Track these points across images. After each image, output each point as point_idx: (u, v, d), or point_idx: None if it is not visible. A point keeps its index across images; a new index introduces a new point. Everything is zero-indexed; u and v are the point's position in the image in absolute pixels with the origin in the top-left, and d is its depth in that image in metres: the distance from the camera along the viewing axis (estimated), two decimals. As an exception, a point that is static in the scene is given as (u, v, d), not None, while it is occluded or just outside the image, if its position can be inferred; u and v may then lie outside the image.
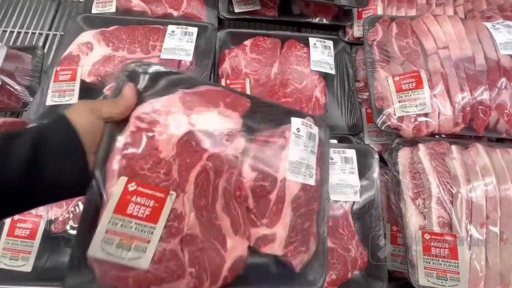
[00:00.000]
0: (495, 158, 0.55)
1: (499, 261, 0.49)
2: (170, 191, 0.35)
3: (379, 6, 0.79)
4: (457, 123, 0.59)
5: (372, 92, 0.63)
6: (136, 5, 0.76)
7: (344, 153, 0.60)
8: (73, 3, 0.86)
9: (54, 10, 0.85)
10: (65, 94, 0.60)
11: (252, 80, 0.70)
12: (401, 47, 0.64)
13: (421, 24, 0.66)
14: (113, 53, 0.64)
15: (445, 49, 0.62)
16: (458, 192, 0.52)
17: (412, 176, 0.56)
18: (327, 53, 0.76)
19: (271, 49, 0.75)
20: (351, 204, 0.57)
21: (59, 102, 0.60)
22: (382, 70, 0.64)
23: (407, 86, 0.59)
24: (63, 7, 0.86)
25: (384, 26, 0.69)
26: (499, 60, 0.61)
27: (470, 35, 0.63)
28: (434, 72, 0.60)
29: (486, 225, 0.50)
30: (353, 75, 0.75)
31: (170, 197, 0.35)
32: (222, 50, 0.74)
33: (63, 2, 0.86)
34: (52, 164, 0.29)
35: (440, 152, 0.57)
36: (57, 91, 0.60)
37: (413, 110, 0.59)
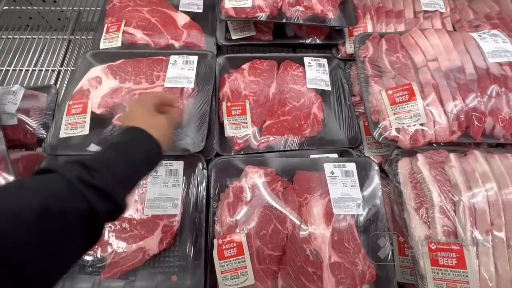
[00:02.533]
0: (494, 164, 0.56)
1: (509, 268, 0.49)
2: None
3: (369, 23, 0.82)
4: (453, 131, 0.61)
5: (367, 106, 0.66)
6: (140, 38, 0.82)
7: (344, 167, 0.62)
8: (83, 40, 0.93)
9: (65, 48, 0.91)
10: (77, 126, 0.64)
11: (251, 101, 0.74)
12: (391, 61, 0.67)
13: (409, 38, 0.69)
14: (120, 85, 0.69)
15: (434, 61, 0.64)
16: (460, 200, 0.53)
17: (413, 186, 0.57)
18: (322, 70, 0.80)
19: (268, 71, 0.78)
20: (355, 217, 0.58)
21: (71, 134, 0.64)
22: (376, 84, 0.67)
23: (401, 99, 0.62)
24: (73, 44, 0.92)
25: (374, 43, 0.72)
26: (488, 68, 0.63)
27: (458, 46, 0.66)
28: (426, 83, 0.62)
29: (492, 232, 0.50)
30: (349, 90, 0.78)
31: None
32: (222, 74, 0.78)
33: (73, 40, 0.93)
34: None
35: (439, 161, 0.58)
36: (70, 123, 0.64)
37: (408, 122, 0.60)
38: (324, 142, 0.72)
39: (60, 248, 0.29)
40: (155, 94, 0.60)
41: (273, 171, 0.62)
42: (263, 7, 0.73)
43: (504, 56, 0.63)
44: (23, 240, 0.25)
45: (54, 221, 0.28)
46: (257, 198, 0.58)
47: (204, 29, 0.87)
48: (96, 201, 0.31)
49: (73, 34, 0.95)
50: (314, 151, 0.69)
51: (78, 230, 0.30)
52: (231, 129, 0.70)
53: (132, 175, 0.38)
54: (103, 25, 0.86)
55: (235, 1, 0.73)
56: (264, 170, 0.61)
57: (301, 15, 0.76)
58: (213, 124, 0.71)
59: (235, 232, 0.55)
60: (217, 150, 0.68)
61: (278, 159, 0.66)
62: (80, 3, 0.99)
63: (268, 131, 0.71)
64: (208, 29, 0.86)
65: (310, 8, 0.76)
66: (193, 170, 0.62)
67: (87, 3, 0.99)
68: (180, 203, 0.58)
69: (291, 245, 0.55)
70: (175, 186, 0.59)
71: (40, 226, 0.27)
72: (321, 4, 0.76)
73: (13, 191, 0.29)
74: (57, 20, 0.99)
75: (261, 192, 0.59)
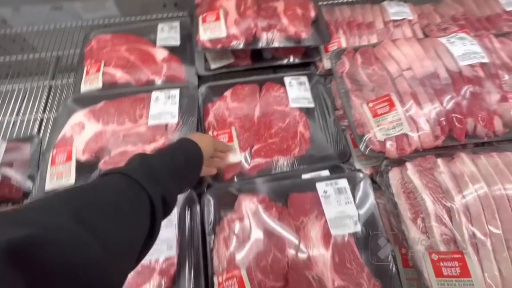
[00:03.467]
0: (481, 164, 0.56)
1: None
2: None
3: (342, 38, 0.85)
4: (437, 136, 0.62)
5: (351, 120, 0.66)
6: (120, 77, 0.83)
7: (336, 184, 0.61)
8: (64, 84, 0.93)
9: (47, 94, 0.91)
10: (63, 176, 0.63)
11: (237, 127, 0.74)
12: (368, 74, 0.69)
13: (382, 50, 0.71)
14: (104, 128, 0.69)
15: (409, 70, 0.66)
16: (453, 206, 0.53)
17: (406, 196, 0.57)
18: (303, 88, 0.81)
19: (250, 95, 0.79)
20: (354, 235, 0.57)
21: (57, 186, 0.62)
22: (356, 98, 0.68)
23: (382, 110, 0.63)
24: (54, 89, 0.92)
25: (349, 57, 0.74)
26: (460, 71, 0.65)
27: (429, 53, 0.68)
28: (404, 93, 0.63)
29: (490, 235, 0.50)
30: (332, 104, 0.79)
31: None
32: (206, 104, 0.79)
33: (54, 85, 0.93)
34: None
35: (428, 167, 0.59)
36: (55, 174, 0.63)
37: (392, 132, 0.61)
38: (314, 160, 0.72)
39: (136, 237, 0.32)
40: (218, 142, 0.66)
41: (266, 197, 0.61)
42: (237, 35, 0.75)
43: (474, 58, 0.65)
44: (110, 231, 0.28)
45: (127, 213, 0.31)
46: (253, 227, 0.57)
47: (183, 60, 0.88)
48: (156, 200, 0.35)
49: (54, 79, 0.95)
50: (306, 170, 0.69)
51: (147, 223, 0.34)
52: (220, 158, 0.70)
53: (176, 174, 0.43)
54: (82, 68, 0.86)
55: (210, 33, 0.75)
56: (257, 197, 0.60)
57: (276, 39, 0.78)
58: (201, 154, 0.71)
59: (235, 266, 0.53)
60: (208, 181, 0.67)
61: (271, 183, 0.65)
62: (58, 48, 1.00)
63: (258, 155, 0.71)
64: (188, 60, 0.87)
65: (283, 31, 0.78)
66: (185, 206, 0.61)
67: (65, 46, 1.00)
68: (176, 243, 0.56)
69: (293, 273, 0.53)
70: (168, 227, 0.57)
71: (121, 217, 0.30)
72: (294, 26, 0.78)
73: (92, 188, 0.32)
74: (37, 65, 0.99)
75: (257, 220, 0.58)
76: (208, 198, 0.62)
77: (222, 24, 0.75)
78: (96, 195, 0.31)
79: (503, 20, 0.88)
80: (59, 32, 1.04)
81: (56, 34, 1.04)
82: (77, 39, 1.01)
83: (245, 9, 0.79)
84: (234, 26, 0.76)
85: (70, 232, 0.25)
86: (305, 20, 0.81)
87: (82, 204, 0.29)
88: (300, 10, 0.82)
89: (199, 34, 0.75)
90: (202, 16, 0.77)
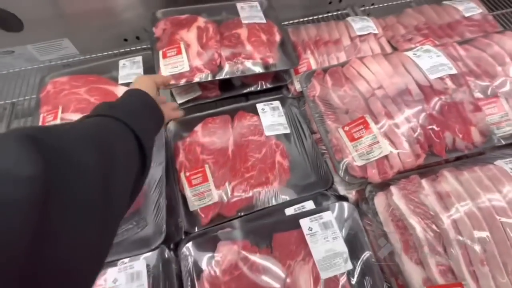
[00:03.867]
0: (465, 181, 0.54)
1: (516, 297, 0.45)
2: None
3: (311, 58, 0.83)
4: (418, 154, 0.59)
5: (328, 146, 0.63)
6: (80, 122, 0.76)
7: (321, 219, 0.57)
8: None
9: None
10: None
11: (211, 164, 0.69)
12: (340, 96, 0.66)
13: (351, 70, 0.70)
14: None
15: (380, 89, 0.64)
16: (444, 231, 0.49)
17: (395, 224, 0.54)
18: (277, 114, 0.78)
19: (222, 127, 0.75)
20: (346, 274, 0.53)
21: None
22: (331, 122, 0.65)
23: (358, 134, 0.60)
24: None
25: (319, 80, 0.72)
26: (431, 85, 0.63)
27: (398, 69, 0.67)
28: (378, 113, 0.61)
29: (487, 260, 0.47)
30: (308, 127, 0.76)
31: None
32: (175, 142, 0.74)
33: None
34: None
35: (413, 190, 0.56)
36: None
37: (372, 156, 0.58)
38: (297, 190, 0.67)
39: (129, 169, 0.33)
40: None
41: (248, 243, 0.56)
42: (201, 68, 0.71)
43: (442, 70, 0.64)
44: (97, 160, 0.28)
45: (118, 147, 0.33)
46: (236, 281, 0.52)
47: (149, 96, 0.83)
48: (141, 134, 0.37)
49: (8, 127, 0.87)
50: (288, 203, 0.64)
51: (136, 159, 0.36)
52: (196, 201, 0.65)
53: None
54: (39, 116, 0.80)
55: (172, 68, 0.71)
56: (238, 245, 0.55)
57: (242, 67, 0.74)
58: (175, 199, 0.65)
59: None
60: (185, 228, 0.61)
61: (252, 224, 0.60)
62: (12, 95, 0.93)
63: (236, 192, 0.66)
64: (153, 95, 0.82)
65: (249, 58, 0.75)
66: (158, 263, 0.55)
67: (19, 94, 0.93)
68: (149, 312, 0.50)
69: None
70: (139, 293, 0.51)
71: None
72: (259, 52, 0.76)
73: (76, 126, 0.32)
74: (-10, 115, 0.91)
75: (240, 272, 0.52)
76: (184, 251, 0.56)
77: (184, 58, 0.72)
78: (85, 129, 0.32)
79: (464, 26, 0.89)
80: (13, 76, 0.97)
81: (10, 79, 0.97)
82: (33, 82, 0.95)
83: (207, 39, 0.76)
84: (197, 58, 0.73)
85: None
86: (271, 45, 0.79)
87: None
88: (265, 35, 0.80)
89: (160, 70, 0.71)
90: (162, 51, 0.73)
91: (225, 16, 0.87)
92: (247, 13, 0.85)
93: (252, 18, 0.83)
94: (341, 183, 0.68)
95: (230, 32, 0.79)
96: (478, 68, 0.72)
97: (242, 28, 0.80)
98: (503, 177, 0.54)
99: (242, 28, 0.80)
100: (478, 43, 0.76)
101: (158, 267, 0.54)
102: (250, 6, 0.87)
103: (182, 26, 0.79)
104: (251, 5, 0.88)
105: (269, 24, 0.84)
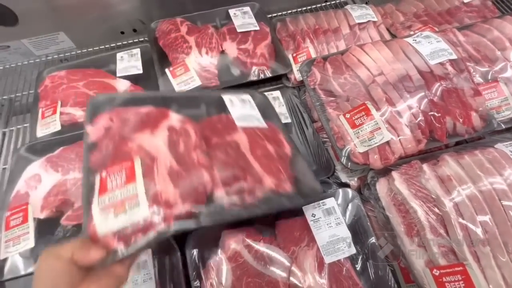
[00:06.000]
0: (466, 165, 0.55)
1: (516, 275, 0.46)
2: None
3: (310, 47, 0.83)
4: (419, 140, 0.59)
5: (330, 134, 0.63)
6: (80, 116, 0.76)
7: (324, 205, 0.58)
8: (19, 129, 0.85)
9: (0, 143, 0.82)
10: (20, 241, 0.55)
11: (213, 155, 0.69)
12: (341, 84, 0.66)
13: (351, 57, 0.69)
14: (64, 177, 0.62)
15: (381, 75, 0.64)
16: (446, 214, 0.50)
17: (397, 209, 0.54)
18: (277, 104, 0.78)
19: (223, 118, 0.75)
20: (350, 259, 0.54)
21: (15, 252, 0.54)
22: (332, 110, 0.65)
23: (360, 121, 0.60)
24: (8, 137, 0.84)
25: (319, 68, 0.71)
26: (432, 70, 0.63)
27: (398, 55, 0.67)
28: (379, 99, 0.61)
29: (488, 241, 0.47)
30: (309, 117, 0.76)
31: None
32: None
33: (7, 132, 0.84)
34: None
35: (415, 174, 0.56)
36: (11, 239, 0.56)
37: (374, 142, 0.58)
38: (299, 178, 0.68)
39: None
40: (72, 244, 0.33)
41: (252, 229, 0.56)
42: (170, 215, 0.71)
43: (442, 56, 0.64)
44: None
45: None
46: (241, 268, 0.52)
47: (148, 88, 0.82)
48: None
49: (7, 125, 0.86)
50: (290, 191, 0.65)
51: None
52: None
53: None
54: (37, 111, 0.79)
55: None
56: (242, 234, 0.56)
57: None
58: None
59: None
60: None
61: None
62: (10, 91, 0.92)
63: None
64: (152, 88, 0.82)
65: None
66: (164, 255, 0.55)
67: (17, 87, 0.92)
68: (157, 299, 0.50)
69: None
70: (146, 281, 0.51)
71: None
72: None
73: None
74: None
75: (244, 260, 0.53)
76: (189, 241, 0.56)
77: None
78: None
79: (463, 12, 0.89)
80: (10, 72, 0.96)
81: (7, 75, 0.96)
82: (30, 77, 0.94)
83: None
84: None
85: None
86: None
87: None
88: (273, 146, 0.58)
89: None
90: (100, 180, 0.39)
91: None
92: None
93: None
94: (343, 170, 0.68)
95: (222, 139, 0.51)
96: (478, 53, 0.72)
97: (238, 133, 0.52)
98: (504, 160, 0.54)
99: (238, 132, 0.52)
100: (478, 29, 0.76)
101: (164, 257, 0.55)
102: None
103: (141, 125, 0.46)
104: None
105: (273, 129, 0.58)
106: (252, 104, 0.59)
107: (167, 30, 0.86)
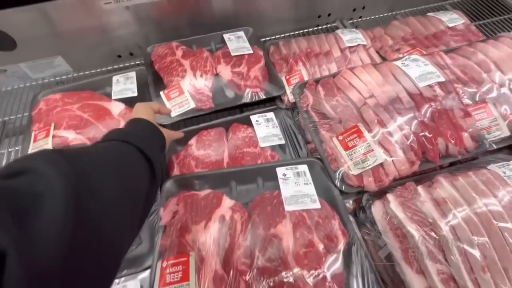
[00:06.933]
0: (461, 187, 0.54)
1: (520, 303, 0.44)
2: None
3: (303, 70, 0.85)
4: (412, 162, 0.59)
5: (323, 156, 0.63)
6: (73, 139, 0.75)
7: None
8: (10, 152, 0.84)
9: (-10, 166, 0.81)
10: None
11: (206, 178, 0.68)
12: (333, 106, 0.67)
13: (342, 80, 0.71)
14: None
15: (372, 98, 0.65)
16: (443, 238, 0.49)
17: (394, 233, 0.53)
18: (271, 125, 0.78)
19: (217, 140, 0.75)
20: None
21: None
22: (325, 131, 0.65)
23: (352, 143, 0.60)
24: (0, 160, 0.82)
25: (312, 90, 0.73)
26: (421, 92, 0.65)
27: (388, 78, 0.68)
28: (371, 121, 0.62)
29: (488, 267, 0.46)
30: (302, 138, 0.76)
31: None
32: (169, 156, 0.73)
33: (-1, 155, 0.83)
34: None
35: (410, 197, 0.56)
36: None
37: (367, 164, 0.58)
38: (293, 201, 0.67)
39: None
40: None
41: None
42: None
43: (430, 78, 0.66)
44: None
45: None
46: None
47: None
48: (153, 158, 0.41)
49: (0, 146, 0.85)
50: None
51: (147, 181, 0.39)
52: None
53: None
54: (30, 134, 0.78)
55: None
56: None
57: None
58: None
59: None
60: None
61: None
62: (4, 113, 0.92)
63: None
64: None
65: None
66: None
67: (11, 112, 0.92)
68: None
69: None
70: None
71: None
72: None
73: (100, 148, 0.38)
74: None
75: None
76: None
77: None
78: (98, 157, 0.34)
79: (449, 35, 0.93)
80: (6, 95, 0.97)
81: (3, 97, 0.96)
82: (25, 100, 0.94)
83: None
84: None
85: None
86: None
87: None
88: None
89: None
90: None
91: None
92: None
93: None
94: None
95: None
96: (465, 75, 0.74)
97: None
98: (498, 181, 0.54)
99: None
100: (463, 52, 0.79)
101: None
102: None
103: (199, 214, 0.58)
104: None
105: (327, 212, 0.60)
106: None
107: (162, 54, 0.88)
